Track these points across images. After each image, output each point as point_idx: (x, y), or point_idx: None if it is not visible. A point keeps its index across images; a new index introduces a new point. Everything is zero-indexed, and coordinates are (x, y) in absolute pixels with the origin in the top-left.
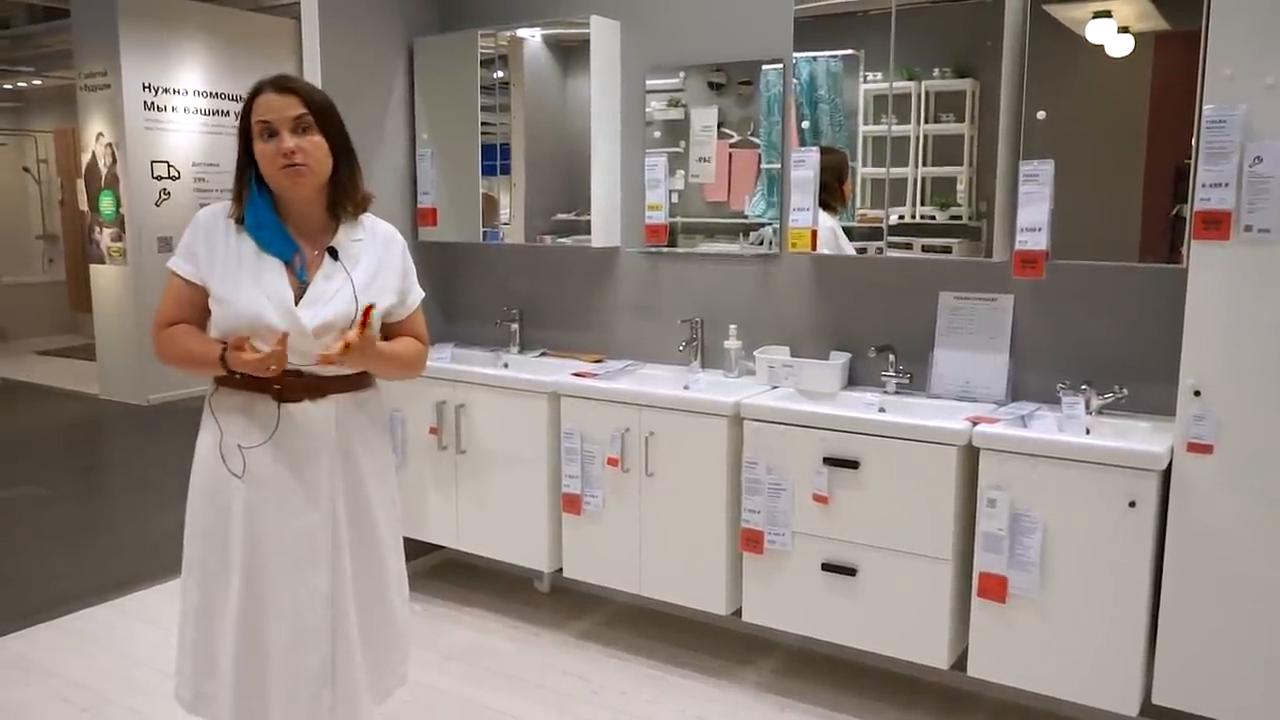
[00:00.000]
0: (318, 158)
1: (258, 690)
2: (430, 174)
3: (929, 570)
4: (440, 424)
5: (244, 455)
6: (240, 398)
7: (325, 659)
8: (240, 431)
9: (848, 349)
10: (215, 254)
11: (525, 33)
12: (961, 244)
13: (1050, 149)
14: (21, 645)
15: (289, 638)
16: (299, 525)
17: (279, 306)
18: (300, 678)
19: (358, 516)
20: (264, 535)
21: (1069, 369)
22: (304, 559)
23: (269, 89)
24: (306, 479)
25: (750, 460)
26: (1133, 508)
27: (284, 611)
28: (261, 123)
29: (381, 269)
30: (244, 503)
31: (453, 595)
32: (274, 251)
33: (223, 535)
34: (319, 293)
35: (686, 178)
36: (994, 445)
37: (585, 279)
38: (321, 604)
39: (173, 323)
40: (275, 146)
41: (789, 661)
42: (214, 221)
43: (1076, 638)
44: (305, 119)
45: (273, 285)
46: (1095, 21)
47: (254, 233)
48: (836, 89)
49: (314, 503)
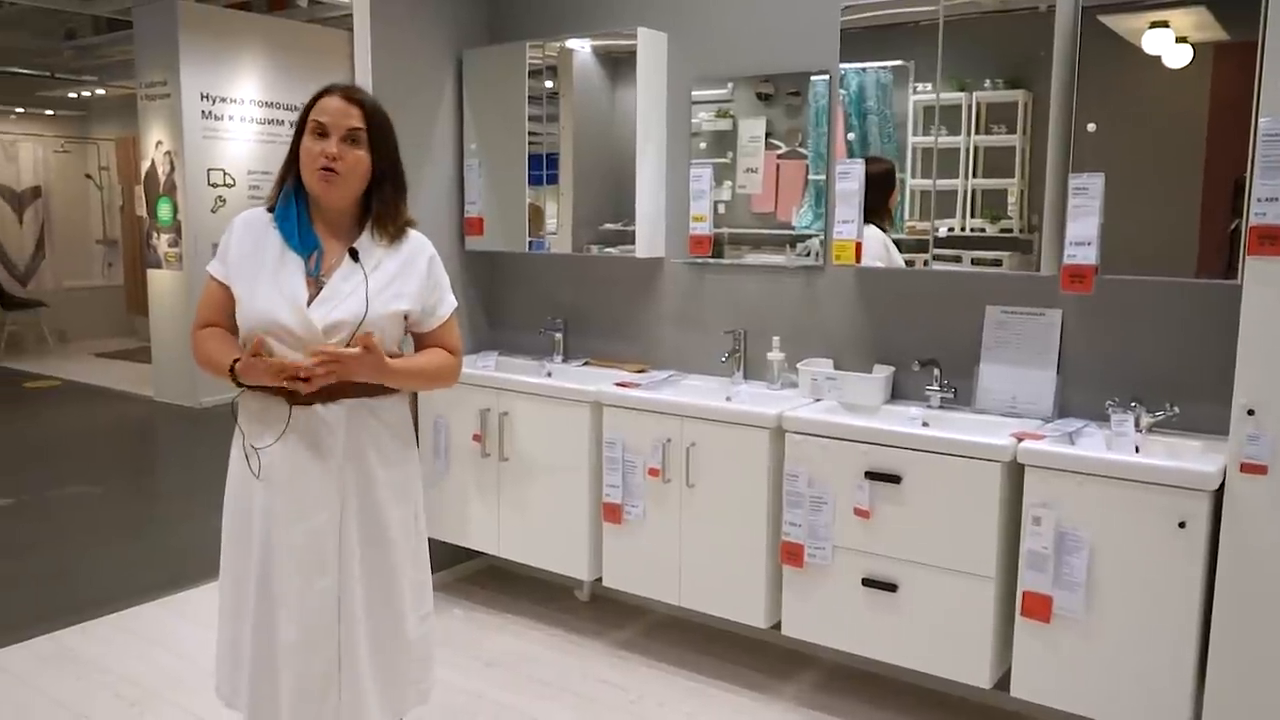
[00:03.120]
0: (356, 172)
1: (271, 688)
2: (477, 183)
3: (971, 588)
4: (483, 431)
5: (259, 457)
6: (258, 400)
7: (332, 661)
8: (257, 433)
9: (891, 362)
10: (244, 253)
11: (574, 44)
12: (1012, 257)
13: (1101, 161)
14: (74, 640)
15: (297, 638)
16: (307, 527)
17: (292, 307)
18: (307, 677)
19: (368, 523)
20: (276, 536)
21: (1118, 386)
22: (312, 561)
23: (338, 94)
24: (315, 481)
25: (791, 473)
26: (1183, 528)
27: (293, 612)
28: (317, 122)
29: (402, 275)
30: (260, 504)
31: (494, 602)
32: (294, 244)
33: (246, 536)
34: (333, 291)
35: (734, 188)
36: (1039, 462)
37: (629, 289)
38: (329, 606)
39: (207, 324)
40: (320, 148)
41: (829, 677)
42: (252, 220)
43: (1123, 661)
44: (359, 133)
45: (289, 284)
46: (1152, 32)
47: (279, 223)
48: (886, 100)
49: (322, 505)
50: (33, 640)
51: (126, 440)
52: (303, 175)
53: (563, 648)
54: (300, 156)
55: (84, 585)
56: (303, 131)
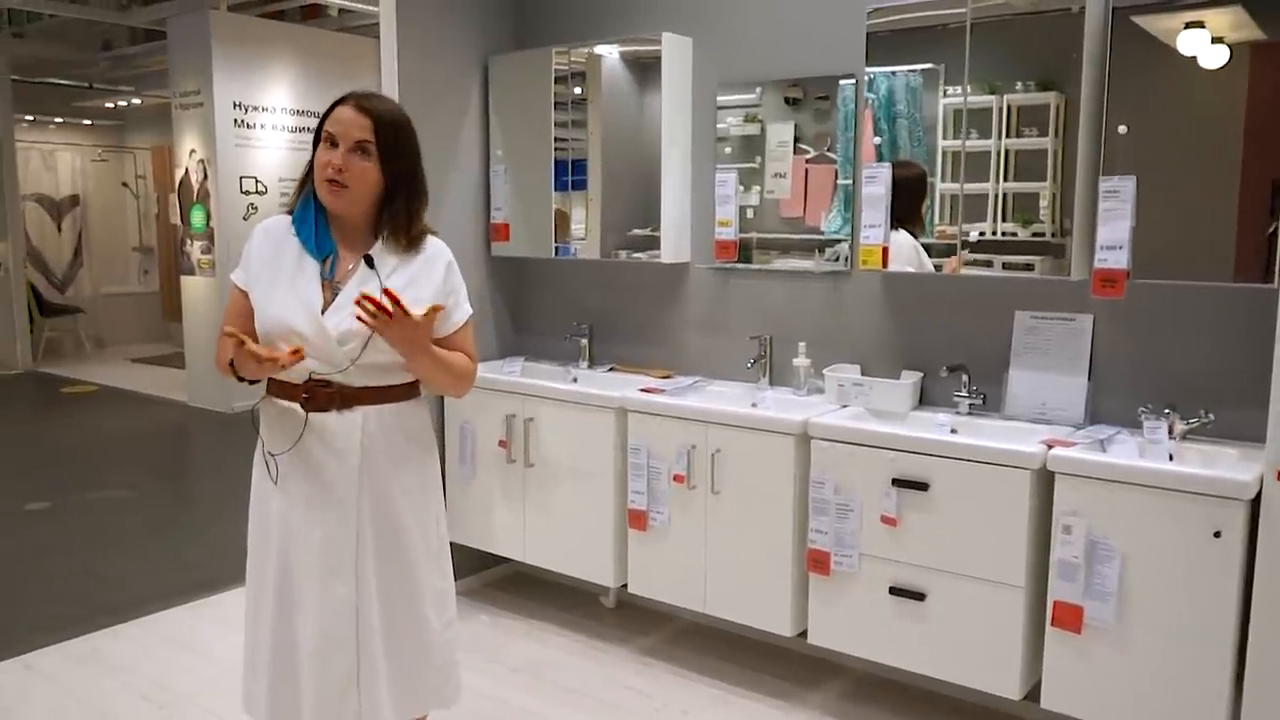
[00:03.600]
0: (364, 183)
1: (292, 695)
2: (503, 189)
3: (1000, 597)
4: (509, 437)
5: (276, 463)
6: (276, 407)
7: (350, 666)
8: (275, 440)
9: (919, 368)
10: (264, 259)
11: (602, 50)
12: (1044, 262)
13: (1133, 164)
14: (104, 643)
15: (315, 644)
16: (324, 533)
17: (307, 314)
18: (326, 682)
19: (385, 530)
20: (294, 542)
21: (1152, 392)
22: (329, 567)
23: (350, 104)
24: (330, 488)
25: (817, 480)
26: (1217, 538)
27: (310, 617)
28: (329, 132)
29: (417, 281)
30: (278, 510)
31: (520, 608)
32: (310, 249)
33: (265, 542)
34: (348, 299)
35: (762, 193)
36: (1069, 469)
37: (655, 294)
38: (346, 612)
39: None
40: (328, 158)
41: (856, 686)
42: (272, 227)
43: (1156, 673)
44: (367, 144)
45: (304, 290)
46: (1188, 32)
47: (296, 227)
48: (916, 104)
49: (337, 512)
50: (65, 642)
51: (160, 445)
52: (315, 183)
53: (587, 654)
54: (315, 165)
55: (116, 588)
56: (317, 140)
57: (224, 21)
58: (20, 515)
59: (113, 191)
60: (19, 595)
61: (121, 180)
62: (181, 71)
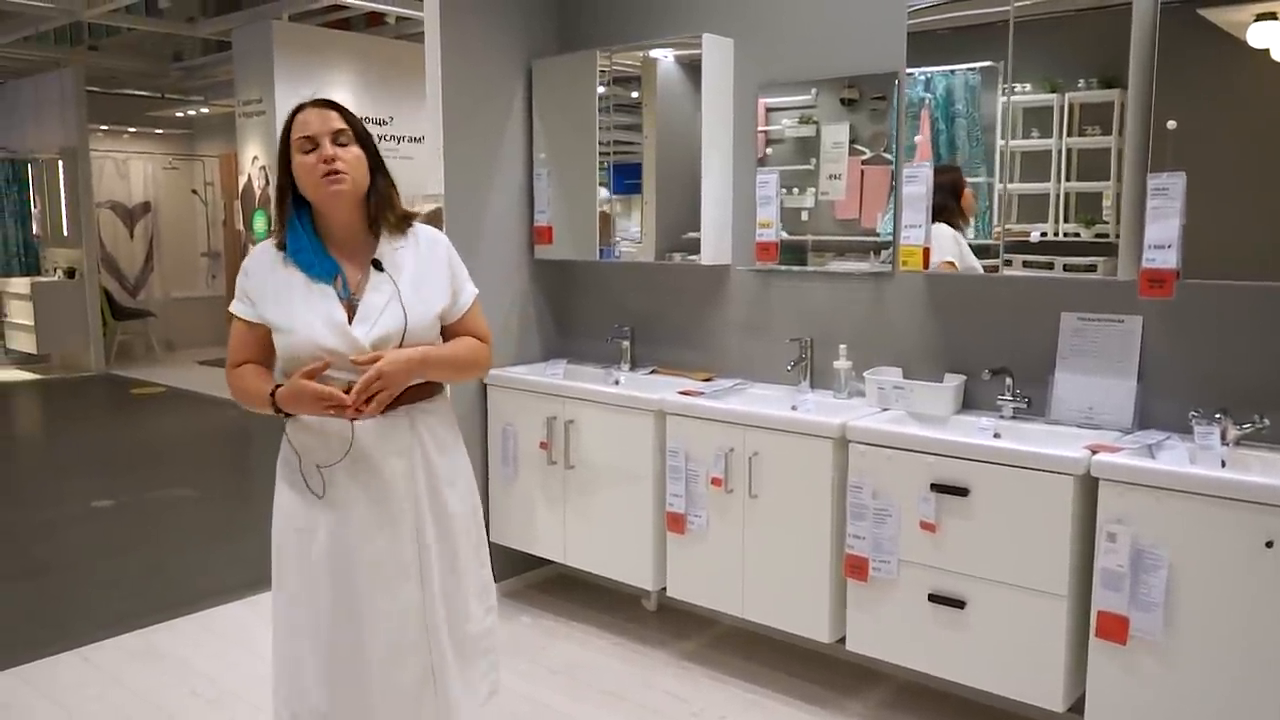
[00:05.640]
0: (357, 169)
1: (360, 704)
2: (546, 192)
3: (1043, 606)
4: (550, 439)
5: (323, 476)
6: (316, 421)
7: (425, 669)
8: (317, 453)
9: (962, 371)
10: (267, 288)
11: (644, 53)
12: (1107, 263)
13: (1186, 160)
14: (158, 637)
15: (385, 653)
16: (385, 539)
17: (334, 328)
18: (399, 690)
19: (440, 525)
20: (353, 553)
21: (1204, 396)
22: (394, 573)
23: (309, 109)
24: (387, 492)
25: (855, 484)
26: (1269, 548)
27: (377, 626)
28: (303, 138)
29: (426, 272)
30: (326, 523)
31: (561, 610)
32: (315, 273)
33: (307, 558)
34: (369, 308)
35: (817, 195)
36: (1114, 476)
37: (696, 297)
38: (414, 616)
39: (241, 363)
40: (316, 157)
41: (897, 694)
42: (263, 257)
43: (1205, 688)
44: (345, 133)
45: (325, 309)
46: (1259, 24)
47: (294, 256)
48: (973, 102)
49: (397, 515)
50: (121, 636)
51: (221, 445)
52: (307, 193)
53: (627, 657)
54: (297, 178)
55: (172, 584)
56: (288, 157)
57: (286, 31)
58: (86, 512)
59: (183, 198)
60: (79, 590)
61: (191, 187)
62: (245, 80)
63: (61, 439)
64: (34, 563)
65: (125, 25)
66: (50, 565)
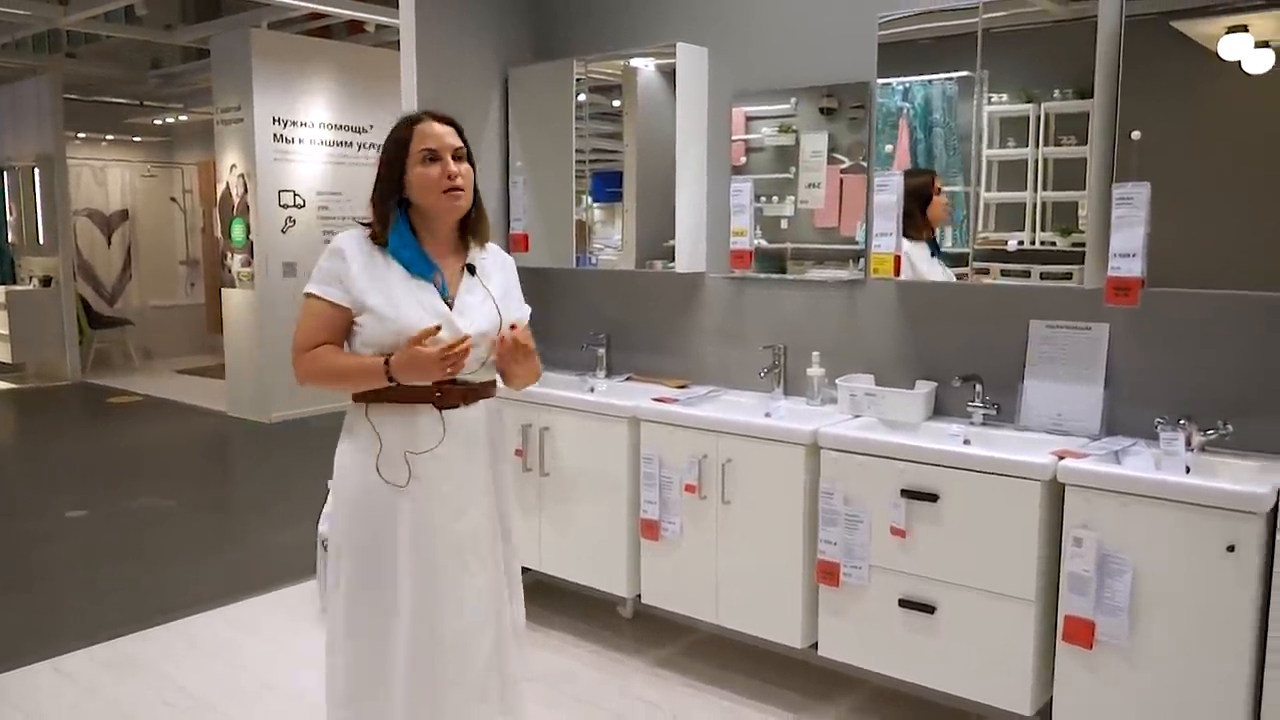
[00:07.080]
0: (471, 185)
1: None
2: (523, 200)
3: (1011, 611)
4: (525, 446)
5: (410, 463)
6: (401, 409)
7: (494, 646)
8: (404, 441)
9: (934, 378)
10: (365, 276)
11: (624, 61)
12: (1082, 271)
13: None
14: (133, 647)
15: (458, 638)
16: (465, 523)
17: (438, 317)
18: (472, 669)
19: (504, 513)
20: (435, 537)
21: (1169, 402)
22: (471, 557)
23: (430, 119)
24: (470, 479)
25: (827, 490)
26: (1232, 552)
27: (453, 610)
28: (426, 150)
29: (507, 284)
30: (409, 509)
31: (537, 617)
32: (416, 271)
33: (383, 548)
34: (465, 305)
35: (796, 203)
36: (1079, 481)
37: (671, 304)
38: (487, 598)
39: (315, 345)
40: (440, 170)
41: (870, 700)
42: (359, 246)
43: (1170, 690)
44: (463, 150)
45: (429, 300)
46: (1230, 37)
47: (397, 254)
48: (950, 112)
49: (477, 502)
50: (95, 647)
51: (198, 454)
52: (424, 200)
53: (603, 665)
54: (413, 184)
55: (146, 594)
56: (402, 160)
57: (264, 39)
58: (60, 523)
59: (161, 206)
60: (53, 601)
61: (169, 195)
62: (223, 88)
63: (36, 449)
64: (8, 573)
65: (103, 32)
66: (25, 576)
